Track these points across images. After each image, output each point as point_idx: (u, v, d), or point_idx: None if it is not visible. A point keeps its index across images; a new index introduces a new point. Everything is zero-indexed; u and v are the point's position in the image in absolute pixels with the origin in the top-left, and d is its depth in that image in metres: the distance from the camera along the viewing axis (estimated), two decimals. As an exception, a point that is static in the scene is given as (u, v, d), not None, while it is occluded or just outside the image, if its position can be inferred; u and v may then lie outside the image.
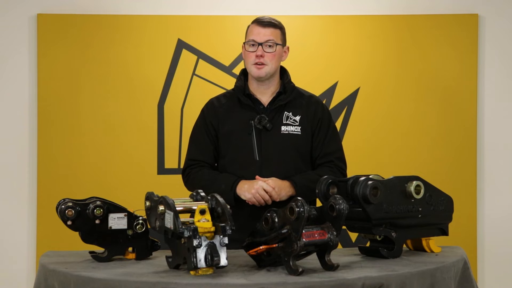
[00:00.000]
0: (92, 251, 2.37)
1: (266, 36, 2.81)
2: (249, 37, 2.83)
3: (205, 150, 2.88)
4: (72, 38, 4.16)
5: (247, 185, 2.73)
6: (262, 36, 2.80)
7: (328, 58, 4.23)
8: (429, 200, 2.40)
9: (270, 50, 2.81)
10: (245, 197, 2.72)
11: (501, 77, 4.28)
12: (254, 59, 2.81)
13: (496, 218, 4.25)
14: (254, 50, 2.80)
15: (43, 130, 4.13)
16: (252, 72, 2.83)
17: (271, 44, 2.81)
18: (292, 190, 2.76)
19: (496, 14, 4.26)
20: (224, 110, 2.88)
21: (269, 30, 2.82)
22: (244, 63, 2.91)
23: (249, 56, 2.83)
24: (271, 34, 2.82)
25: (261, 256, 2.17)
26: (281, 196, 2.73)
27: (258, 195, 2.69)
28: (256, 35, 2.81)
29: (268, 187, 2.70)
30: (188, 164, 2.91)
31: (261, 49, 2.79)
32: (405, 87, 4.24)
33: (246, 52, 2.84)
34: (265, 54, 2.80)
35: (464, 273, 2.31)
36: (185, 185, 2.93)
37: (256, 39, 2.81)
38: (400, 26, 4.23)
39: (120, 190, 4.06)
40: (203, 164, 2.87)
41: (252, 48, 2.81)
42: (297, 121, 2.86)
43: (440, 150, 4.22)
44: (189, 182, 2.89)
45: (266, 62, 2.80)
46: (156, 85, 4.20)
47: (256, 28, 2.83)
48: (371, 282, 1.99)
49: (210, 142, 2.88)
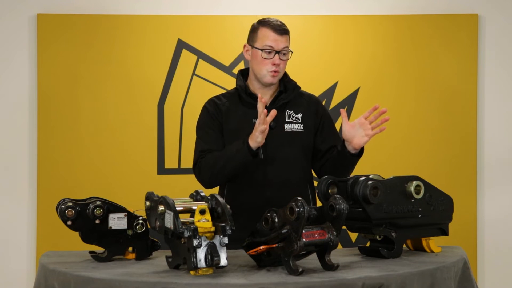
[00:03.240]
0: (92, 251, 2.37)
1: (283, 43, 2.81)
2: (265, 43, 2.80)
3: (215, 140, 2.84)
4: (72, 38, 4.16)
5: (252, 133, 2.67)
6: (279, 44, 2.80)
7: (328, 58, 4.23)
8: (429, 200, 2.40)
9: (284, 58, 2.83)
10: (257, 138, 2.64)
11: (501, 77, 4.28)
12: (270, 66, 2.80)
13: (496, 218, 4.25)
14: (271, 57, 2.80)
15: (43, 130, 4.13)
16: (266, 78, 2.83)
17: (285, 52, 2.83)
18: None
19: (496, 14, 4.26)
20: (227, 109, 2.88)
21: (285, 37, 2.82)
22: (253, 66, 2.86)
23: (264, 63, 2.81)
24: (286, 42, 2.83)
25: (261, 256, 2.17)
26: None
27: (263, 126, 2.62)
28: (274, 41, 2.80)
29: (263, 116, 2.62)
30: (199, 155, 2.83)
31: (278, 58, 2.80)
32: (405, 87, 4.24)
33: (260, 58, 2.81)
34: (280, 62, 2.81)
35: (464, 273, 2.31)
36: (198, 178, 2.84)
37: (274, 46, 2.80)
38: (400, 26, 4.24)
39: (120, 190, 4.06)
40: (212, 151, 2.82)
41: (268, 55, 2.80)
42: (299, 118, 2.88)
43: (440, 150, 4.22)
44: (202, 171, 2.80)
45: (280, 70, 2.83)
46: (156, 85, 4.20)
47: (273, 34, 2.81)
48: (371, 282, 1.99)
49: (219, 133, 2.85)
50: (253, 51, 2.85)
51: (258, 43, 2.83)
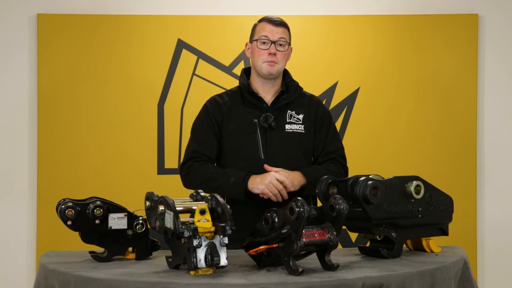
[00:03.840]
0: (92, 251, 2.37)
1: (279, 34, 2.82)
2: (261, 34, 2.82)
3: (209, 144, 2.85)
4: (72, 38, 4.16)
5: (259, 178, 2.70)
6: (276, 34, 2.82)
7: (328, 58, 4.23)
8: (429, 200, 2.40)
9: (282, 49, 2.83)
10: (258, 189, 2.68)
11: (501, 77, 4.28)
12: (266, 56, 2.81)
13: (496, 218, 4.25)
14: (267, 47, 2.81)
15: (43, 130, 4.13)
16: (263, 69, 2.83)
17: (282, 43, 2.83)
18: (303, 179, 2.75)
19: (496, 14, 4.26)
20: (228, 108, 2.88)
21: (281, 29, 2.84)
22: (252, 60, 2.89)
23: (260, 53, 2.82)
24: (283, 33, 2.84)
25: (261, 256, 2.17)
26: (295, 185, 2.72)
27: (272, 185, 2.67)
28: (269, 32, 2.82)
29: (281, 176, 2.68)
30: (190, 156, 2.84)
31: (274, 47, 2.80)
32: (405, 87, 4.24)
33: (257, 49, 2.83)
34: (277, 53, 2.81)
35: (464, 273, 2.31)
36: (183, 179, 2.85)
37: (269, 36, 2.81)
38: (400, 26, 4.24)
39: (120, 190, 4.06)
40: (206, 159, 2.83)
41: (264, 45, 2.81)
42: (300, 119, 2.87)
43: (440, 150, 4.22)
44: (190, 174, 2.81)
45: (278, 61, 2.82)
46: (156, 85, 4.20)
47: (269, 26, 2.83)
48: (371, 282, 1.99)
49: (214, 137, 2.86)
50: (252, 46, 2.88)
51: (255, 37, 2.86)
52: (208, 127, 2.87)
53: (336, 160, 2.89)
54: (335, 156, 2.89)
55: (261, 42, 2.82)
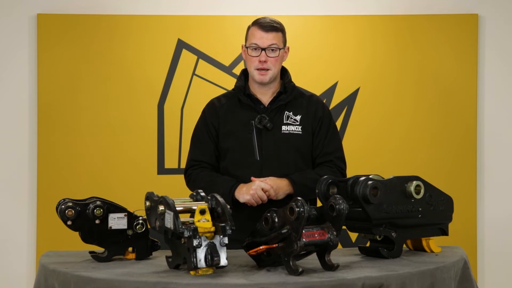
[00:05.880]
0: (92, 251, 2.37)
1: (269, 40, 2.79)
2: (251, 41, 2.80)
3: (207, 150, 2.88)
4: (72, 38, 4.16)
5: (245, 187, 2.73)
6: (265, 41, 2.78)
7: (328, 58, 4.23)
8: (429, 200, 2.40)
9: (273, 55, 2.80)
10: (244, 199, 2.71)
11: (501, 77, 4.27)
12: (257, 64, 2.79)
13: (496, 218, 4.25)
14: (257, 54, 2.79)
15: (43, 130, 4.13)
16: (255, 77, 2.82)
17: (273, 48, 2.80)
18: (290, 188, 2.76)
19: (496, 14, 4.26)
20: (225, 110, 2.88)
21: (272, 34, 2.80)
22: (245, 64, 2.90)
23: (252, 60, 2.81)
24: (274, 39, 2.80)
25: (261, 256, 2.17)
26: (279, 195, 2.73)
27: (257, 195, 2.69)
28: (259, 39, 2.79)
29: (266, 185, 2.70)
30: (190, 164, 2.90)
31: (265, 54, 2.78)
32: (405, 87, 4.24)
33: (248, 56, 2.82)
34: (268, 59, 2.79)
35: (464, 273, 2.31)
36: (187, 185, 2.92)
37: (259, 43, 2.78)
38: (400, 26, 4.23)
39: (120, 190, 4.06)
40: (204, 165, 2.87)
41: (254, 52, 2.79)
42: (297, 120, 2.86)
43: (440, 150, 4.22)
44: (190, 183, 2.89)
45: (270, 67, 2.80)
46: (156, 85, 4.20)
47: (258, 32, 2.80)
48: (371, 282, 1.99)
49: (212, 143, 2.87)
50: (245, 51, 2.87)
51: (247, 42, 2.85)
52: (205, 132, 2.89)
53: (332, 163, 2.85)
54: (332, 159, 2.86)
55: (251, 49, 2.81)
